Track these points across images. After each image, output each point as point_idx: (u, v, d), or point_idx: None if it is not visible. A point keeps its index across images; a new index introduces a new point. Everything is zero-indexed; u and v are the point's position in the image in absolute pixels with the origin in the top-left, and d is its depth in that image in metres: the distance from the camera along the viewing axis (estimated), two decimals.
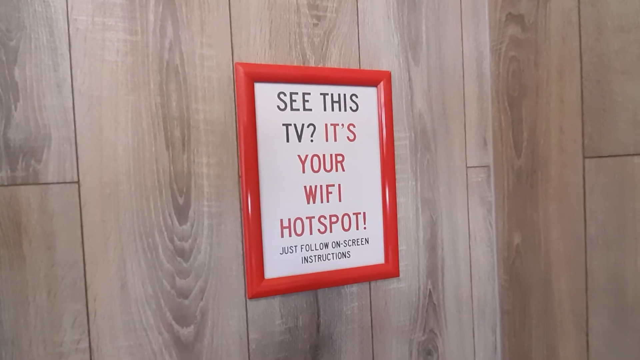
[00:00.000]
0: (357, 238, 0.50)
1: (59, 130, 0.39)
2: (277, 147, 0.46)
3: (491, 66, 0.57)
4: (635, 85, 0.38)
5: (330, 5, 0.49)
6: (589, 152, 0.43)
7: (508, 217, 0.55)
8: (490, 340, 0.58)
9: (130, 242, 0.41)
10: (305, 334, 0.48)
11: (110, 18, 0.40)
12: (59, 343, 0.39)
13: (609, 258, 0.42)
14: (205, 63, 0.44)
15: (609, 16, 0.41)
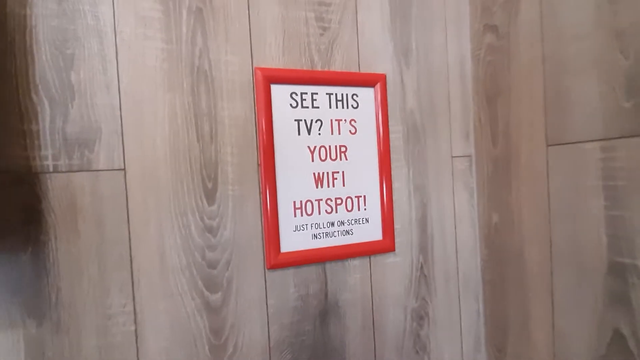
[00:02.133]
0: (358, 218, 0.58)
1: (107, 124, 0.46)
2: (290, 139, 0.54)
3: (472, 69, 0.66)
4: (586, 85, 0.47)
5: (334, 18, 0.57)
6: (551, 141, 0.52)
7: (487, 199, 0.64)
8: (474, 307, 0.66)
9: (168, 220, 0.48)
10: (315, 301, 0.56)
11: (149, 30, 0.47)
12: (108, 306, 0.46)
13: (568, 229, 0.51)
14: (229, 68, 0.51)
15: (566, 27, 0.50)
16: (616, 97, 0.43)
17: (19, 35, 0.42)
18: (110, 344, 0.46)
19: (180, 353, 0.49)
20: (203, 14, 0.50)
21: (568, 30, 0.49)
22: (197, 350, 0.50)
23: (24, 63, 0.43)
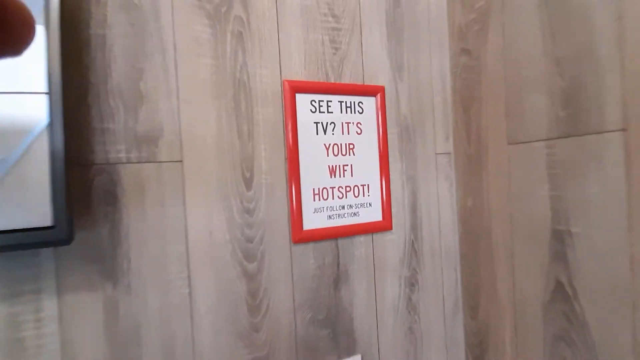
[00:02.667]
0: (363, 202, 0.71)
1: (168, 125, 0.56)
2: (310, 137, 0.66)
3: (450, 83, 0.81)
4: (535, 99, 0.63)
5: (343, 40, 0.70)
6: (511, 141, 0.68)
7: (463, 188, 0.80)
8: (453, 275, 0.81)
9: (215, 203, 0.59)
10: (329, 270, 0.69)
11: (201, 48, 0.59)
12: (168, 273, 0.56)
13: (524, 207, 0.66)
14: (263, 79, 0.63)
15: (522, 53, 0.65)
16: (556, 108, 0.59)
17: (100, 52, 0.52)
18: (169, 304, 0.56)
19: (224, 312, 0.60)
20: (243, 36, 0.62)
21: (523, 56, 0.65)
22: (237, 310, 0.61)
23: (104, 75, 0.53)
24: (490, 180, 0.73)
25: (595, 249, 0.54)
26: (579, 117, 0.56)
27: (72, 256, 0.51)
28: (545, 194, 0.62)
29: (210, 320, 0.59)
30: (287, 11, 0.65)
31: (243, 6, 0.62)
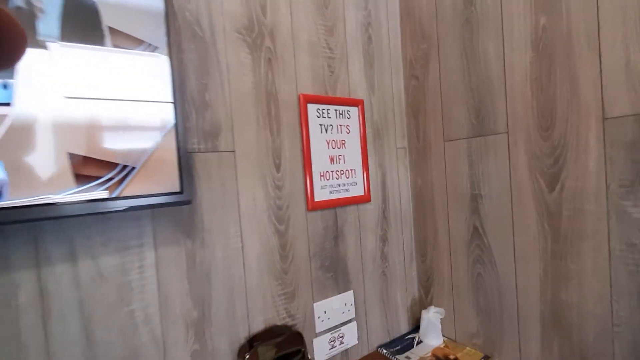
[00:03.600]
0: (352, 182, 1.00)
1: (225, 125, 0.78)
2: (317, 135, 0.93)
3: (404, 98, 1.15)
4: (459, 111, 0.99)
5: (336, 66, 0.98)
6: (446, 139, 1.03)
7: (415, 172, 1.14)
8: (409, 234, 1.15)
9: (256, 181, 0.82)
10: (331, 230, 0.96)
11: (245, 70, 0.81)
12: (228, 232, 0.78)
13: (454, 182, 1.02)
14: (285, 92, 0.87)
15: (450, 81, 1.01)
16: (471, 118, 0.95)
17: (179, 71, 0.72)
18: (229, 254, 0.78)
19: (265, 260, 0.83)
20: (272, 62, 0.85)
21: (451, 83, 1.01)
22: (273, 258, 0.84)
23: (183, 87, 0.72)
24: (433, 165, 1.08)
25: (493, 204, 0.91)
26: (483, 124, 0.92)
27: (164, 220, 0.70)
28: (466, 172, 0.98)
29: (256, 265, 0.82)
30: (300, 44, 0.91)
31: (271, 39, 0.85)
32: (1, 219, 0.48)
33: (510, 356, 0.90)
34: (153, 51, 0.60)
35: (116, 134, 0.56)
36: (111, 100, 0.55)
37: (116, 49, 0.56)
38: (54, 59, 0.51)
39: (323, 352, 0.92)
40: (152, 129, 0.59)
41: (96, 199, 0.54)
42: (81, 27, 0.53)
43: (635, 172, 0.66)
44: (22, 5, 0.50)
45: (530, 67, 0.81)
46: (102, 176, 0.55)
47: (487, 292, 0.95)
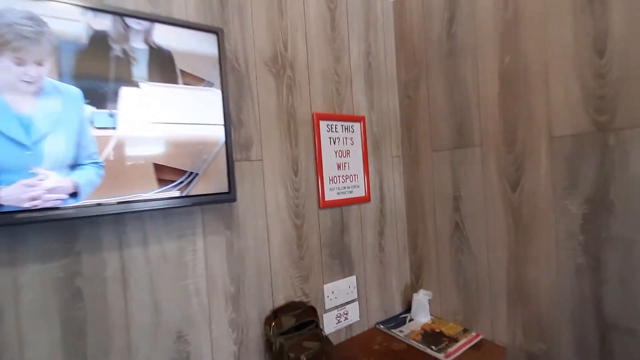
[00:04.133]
0: (355, 185, 1.20)
1: (255, 138, 0.97)
2: (327, 146, 1.12)
3: (399, 114, 1.35)
4: (444, 127, 1.19)
5: (342, 88, 1.18)
6: (433, 149, 1.24)
7: (408, 177, 1.34)
8: (402, 228, 1.35)
9: (279, 184, 1.01)
10: (338, 224, 1.15)
11: (270, 94, 1.00)
12: (257, 225, 0.97)
13: (440, 184, 1.22)
14: (302, 112, 1.07)
15: (437, 101, 1.21)
16: (453, 133, 1.16)
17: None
18: (258, 243, 0.97)
19: (285, 248, 1.02)
20: (291, 87, 1.05)
21: (437, 103, 1.21)
22: (291, 247, 1.04)
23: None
24: (422, 171, 1.28)
25: (470, 203, 1.12)
26: (463, 138, 1.13)
27: (210, 215, 0.89)
28: (449, 177, 1.18)
29: (278, 253, 1.01)
30: (313, 72, 1.10)
31: (291, 69, 1.05)
32: (100, 212, 0.66)
33: (485, 327, 1.10)
34: (210, 87, 0.79)
35: (186, 149, 0.75)
36: (183, 124, 0.74)
37: (185, 86, 0.75)
38: (144, 94, 0.71)
39: (331, 325, 1.12)
40: (210, 144, 0.79)
41: (172, 197, 0.73)
42: (161, 71, 0.73)
43: (572, 178, 0.87)
44: (121, 55, 0.69)
45: (497, 94, 1.02)
46: (175, 180, 0.74)
47: (466, 275, 1.15)
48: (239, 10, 0.95)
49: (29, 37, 0.61)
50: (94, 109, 0.65)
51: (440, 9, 1.16)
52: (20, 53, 0.60)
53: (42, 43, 0.62)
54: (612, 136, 0.80)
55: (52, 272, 0.70)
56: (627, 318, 0.80)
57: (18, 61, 0.60)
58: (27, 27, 0.61)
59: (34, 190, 0.60)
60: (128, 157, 0.69)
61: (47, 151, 0.61)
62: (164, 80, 0.73)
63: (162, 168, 0.72)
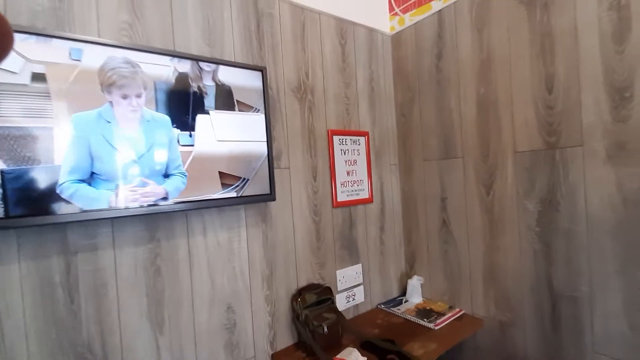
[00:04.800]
0: (361, 188, 1.45)
1: (284, 150, 1.21)
2: (339, 156, 1.37)
3: (396, 129, 1.61)
4: (432, 139, 1.45)
5: (351, 109, 1.43)
6: (424, 159, 1.50)
7: (403, 181, 1.60)
8: (399, 225, 1.61)
9: (301, 187, 1.25)
10: (347, 221, 1.40)
11: (295, 115, 1.25)
12: (285, 220, 1.20)
13: (430, 187, 1.48)
14: (319, 128, 1.31)
15: (426, 119, 1.47)
16: (441, 146, 1.43)
17: None
18: (286, 235, 1.20)
19: (306, 240, 1.26)
20: (312, 109, 1.29)
21: (428, 121, 1.48)
22: (311, 239, 1.27)
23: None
24: (415, 177, 1.54)
25: (454, 204, 1.38)
26: (449, 150, 1.39)
27: (251, 212, 1.12)
28: (437, 182, 1.45)
29: (301, 243, 1.24)
30: (328, 96, 1.35)
31: (311, 94, 1.30)
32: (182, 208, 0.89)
33: (466, 303, 1.36)
34: (257, 112, 1.03)
35: (241, 160, 0.98)
36: (238, 141, 0.98)
37: (240, 112, 0.99)
38: (212, 119, 0.94)
39: (342, 304, 1.35)
40: (257, 156, 1.02)
41: (231, 197, 0.96)
42: (224, 101, 0.96)
43: (530, 184, 1.14)
44: (197, 91, 0.92)
45: (475, 117, 1.29)
46: (234, 184, 0.97)
47: (452, 263, 1.41)
48: (272, 49, 1.19)
49: (127, 75, 0.83)
50: (179, 131, 0.88)
51: (430, 46, 1.43)
52: (124, 89, 0.82)
53: (137, 80, 0.84)
54: (557, 153, 1.07)
55: (140, 254, 0.92)
56: (569, 288, 1.07)
57: (124, 95, 0.82)
58: (125, 69, 0.83)
59: (137, 193, 0.83)
60: (202, 167, 0.92)
61: (148, 164, 0.83)
62: (226, 109, 0.96)
63: (224, 175, 0.95)
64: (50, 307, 0.80)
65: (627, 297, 0.95)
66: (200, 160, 0.91)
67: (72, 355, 0.82)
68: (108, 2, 0.89)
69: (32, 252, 0.78)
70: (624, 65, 0.93)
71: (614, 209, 0.96)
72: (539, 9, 1.09)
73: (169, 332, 0.95)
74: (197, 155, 0.91)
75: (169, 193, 0.86)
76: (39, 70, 0.72)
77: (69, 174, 0.73)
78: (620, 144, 0.95)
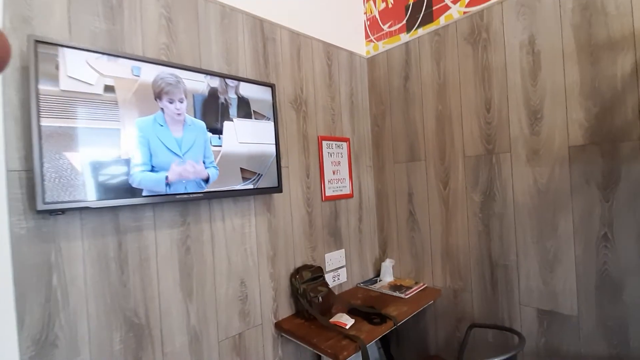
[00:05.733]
0: (343, 185, 1.72)
1: (284, 152, 1.45)
2: (327, 158, 1.64)
3: (370, 136, 1.92)
4: (402, 146, 1.77)
5: (336, 118, 1.71)
6: (395, 162, 1.82)
7: (377, 180, 1.90)
8: (373, 216, 1.91)
9: (298, 184, 1.50)
10: (333, 212, 1.66)
11: (292, 123, 1.49)
12: (285, 210, 1.44)
13: (399, 186, 1.80)
14: (311, 134, 1.57)
15: (397, 129, 1.80)
16: (407, 150, 1.75)
17: None
18: (285, 223, 1.44)
19: (301, 227, 1.50)
20: (305, 118, 1.55)
21: (398, 130, 1.80)
22: (305, 226, 1.52)
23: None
24: (387, 177, 1.86)
25: (419, 197, 1.71)
26: (414, 154, 1.72)
27: (259, 202, 1.34)
28: (405, 180, 1.77)
29: (297, 230, 1.49)
30: (318, 107, 1.62)
31: (305, 106, 1.55)
32: (210, 196, 1.09)
33: (428, 278, 1.69)
34: (268, 120, 1.26)
35: (257, 158, 1.21)
36: (255, 143, 1.21)
37: (256, 120, 1.22)
38: (235, 125, 1.16)
39: (330, 282, 1.61)
40: (269, 156, 1.25)
41: (248, 188, 1.18)
42: (244, 111, 1.19)
43: (475, 181, 1.49)
44: (224, 102, 1.14)
45: (434, 128, 1.63)
46: (251, 178, 1.19)
47: (417, 246, 1.73)
48: (275, 68, 1.44)
49: (172, 83, 1.03)
50: (211, 134, 1.09)
51: (399, 69, 1.76)
52: (170, 95, 1.02)
53: (180, 88, 1.05)
54: (494, 157, 1.43)
55: (174, 235, 1.10)
56: (503, 258, 1.42)
57: (170, 100, 1.02)
58: (170, 79, 1.04)
59: (188, 171, 1.02)
60: (228, 163, 1.13)
61: (191, 158, 1.04)
62: (245, 117, 1.19)
63: (244, 170, 1.18)
64: (105, 277, 0.96)
65: (540, 261, 1.32)
66: (227, 158, 1.13)
67: (122, 317, 0.99)
68: (150, 27, 1.08)
69: (92, 232, 0.94)
70: (537, 95, 1.31)
71: (531, 196, 1.33)
72: (480, 48, 1.46)
73: (196, 300, 1.14)
74: (225, 154, 1.12)
75: (210, 176, 1.07)
76: (110, 83, 0.90)
77: (137, 165, 0.92)
78: (535, 151, 1.32)
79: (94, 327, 0.94)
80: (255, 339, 1.30)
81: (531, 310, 1.34)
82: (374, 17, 1.87)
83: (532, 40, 1.31)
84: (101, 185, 0.88)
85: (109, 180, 0.89)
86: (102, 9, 0.99)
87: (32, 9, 0.89)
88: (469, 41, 1.49)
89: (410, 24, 1.70)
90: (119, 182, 0.90)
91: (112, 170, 0.89)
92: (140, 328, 1.02)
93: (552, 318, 1.29)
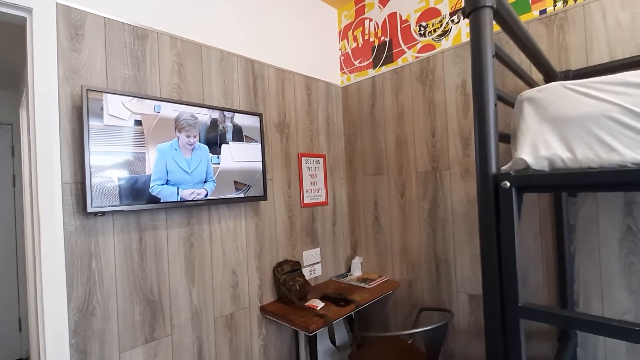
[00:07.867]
0: (320, 194, 2.06)
1: (269, 166, 1.78)
2: (305, 172, 1.97)
3: (345, 154, 2.27)
4: (370, 161, 2.12)
5: (314, 138, 2.05)
6: (364, 174, 2.16)
7: (349, 190, 2.24)
8: (346, 221, 2.24)
9: (280, 193, 1.83)
10: (311, 217, 1.99)
11: (276, 143, 1.83)
12: (270, 215, 1.76)
13: (368, 196, 2.14)
14: (292, 152, 1.91)
15: (367, 147, 2.14)
16: (374, 166, 2.10)
17: None
18: (270, 225, 1.76)
19: (283, 229, 1.82)
20: (287, 139, 1.88)
21: (366, 149, 2.15)
22: (286, 228, 1.84)
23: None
24: (357, 188, 2.20)
25: (383, 205, 2.05)
26: (379, 169, 2.07)
27: (249, 208, 1.66)
28: (371, 191, 2.11)
29: (280, 231, 1.81)
30: (299, 129, 1.95)
31: (287, 128, 1.89)
32: (213, 203, 1.41)
33: (389, 272, 2.02)
34: (257, 143, 1.59)
35: (247, 173, 1.53)
36: (245, 161, 1.53)
37: (247, 143, 1.55)
38: (230, 147, 1.48)
39: (307, 275, 1.93)
40: (256, 171, 1.58)
41: (240, 197, 1.50)
42: (237, 136, 1.51)
43: (424, 192, 1.85)
44: (222, 130, 1.46)
45: (394, 148, 1.98)
46: (242, 189, 1.51)
47: (381, 246, 2.07)
48: (263, 99, 1.77)
49: (192, 124, 1.36)
50: (211, 155, 1.41)
51: (367, 98, 2.12)
52: (188, 132, 1.34)
53: (196, 127, 1.37)
54: (438, 173, 1.79)
55: (182, 233, 1.41)
56: (444, 255, 1.77)
57: (187, 135, 1.34)
58: (191, 120, 1.36)
59: (192, 192, 1.34)
60: (224, 177, 1.45)
61: (196, 175, 1.35)
62: (238, 140, 1.51)
63: (237, 182, 1.50)
64: (130, 264, 1.26)
65: (471, 255, 1.67)
66: (223, 173, 1.45)
67: (142, 295, 1.29)
68: (165, 72, 1.40)
69: (121, 229, 1.25)
70: (467, 126, 1.68)
71: (463, 205, 1.69)
72: (427, 87, 1.83)
73: (198, 285, 1.45)
74: (222, 170, 1.44)
75: (208, 191, 1.39)
76: (138, 118, 1.22)
77: (155, 180, 1.23)
78: (466, 169, 1.68)
79: (120, 301, 1.23)
80: (244, 318, 1.61)
81: (464, 295, 1.69)
82: (347, 54, 2.23)
83: (464, 83, 1.68)
84: (130, 194, 1.18)
85: (136, 191, 1.20)
86: (130, 59, 1.31)
87: (79, 61, 1.21)
88: (420, 80, 1.86)
89: (375, 62, 2.07)
90: (143, 192, 1.21)
91: (138, 183, 1.20)
92: (155, 304, 1.32)
93: (479, 301, 1.64)
